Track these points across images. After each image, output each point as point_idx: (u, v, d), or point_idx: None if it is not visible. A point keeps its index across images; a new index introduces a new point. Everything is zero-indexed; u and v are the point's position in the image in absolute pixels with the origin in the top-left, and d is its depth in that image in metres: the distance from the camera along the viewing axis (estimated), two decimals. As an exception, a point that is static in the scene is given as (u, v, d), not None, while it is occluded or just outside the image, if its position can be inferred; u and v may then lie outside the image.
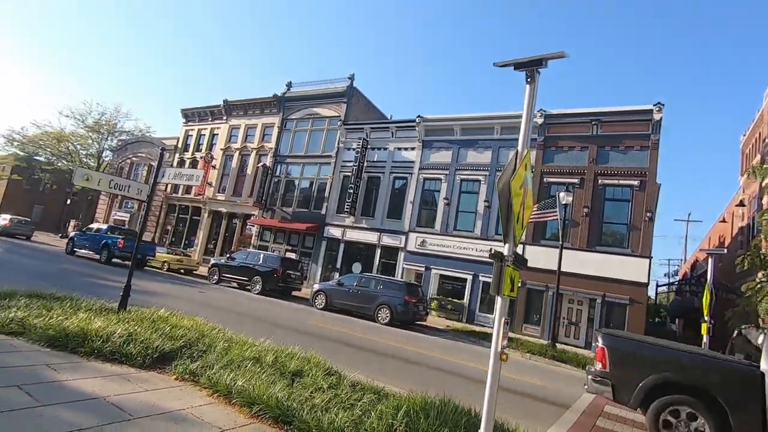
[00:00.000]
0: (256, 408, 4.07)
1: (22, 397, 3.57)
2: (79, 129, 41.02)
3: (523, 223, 4.24)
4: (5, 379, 3.85)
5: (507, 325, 4.03)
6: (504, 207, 3.96)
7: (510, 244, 4.06)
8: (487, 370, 6.78)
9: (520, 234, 4.20)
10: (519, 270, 4.19)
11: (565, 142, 18.95)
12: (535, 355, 12.84)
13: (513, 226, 4.02)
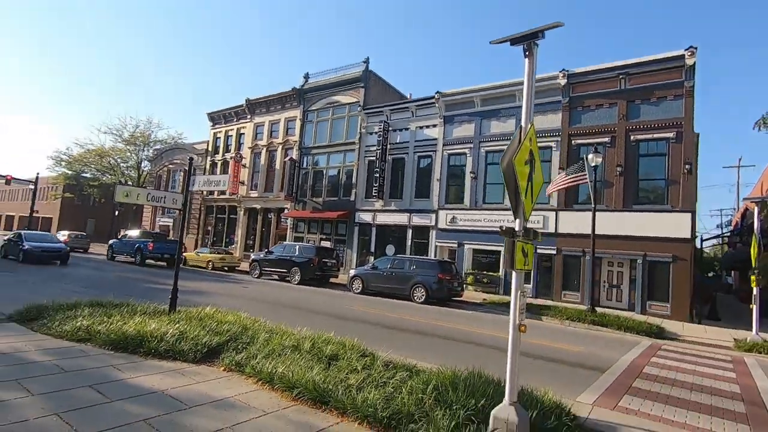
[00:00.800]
0: (296, 391, 4.44)
1: (94, 394, 4.09)
2: (118, 143, 43.33)
3: (532, 197, 4.31)
4: (79, 381, 4.41)
5: (524, 297, 4.15)
6: (511, 184, 4.05)
7: (520, 219, 4.16)
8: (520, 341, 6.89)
9: (530, 208, 4.27)
10: (531, 243, 4.29)
11: (592, 101, 18.18)
12: (574, 321, 12.78)
13: (522, 201, 4.11)
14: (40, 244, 18.72)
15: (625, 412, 5.15)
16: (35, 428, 3.31)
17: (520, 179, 4.00)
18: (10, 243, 19.53)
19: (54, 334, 6.17)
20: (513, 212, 4.19)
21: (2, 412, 3.55)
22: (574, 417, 4.43)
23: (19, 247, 18.52)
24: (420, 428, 3.79)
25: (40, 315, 7.01)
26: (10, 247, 19.54)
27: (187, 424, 3.64)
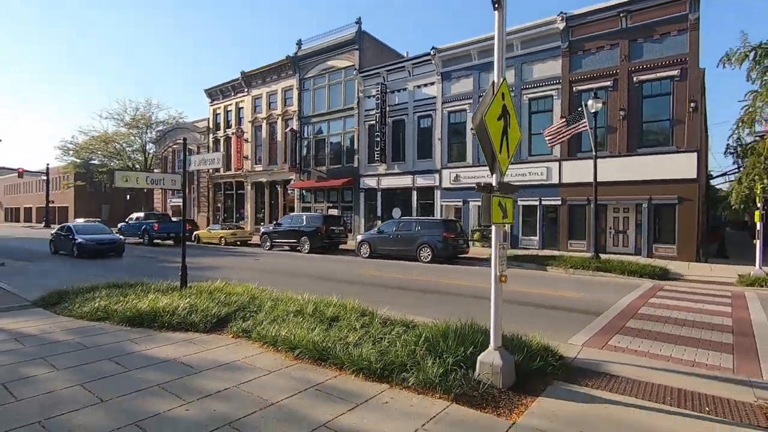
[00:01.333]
0: (297, 351, 4.78)
1: (113, 366, 4.48)
2: (121, 128, 43.49)
3: (509, 151, 4.38)
4: (99, 355, 4.80)
5: (504, 250, 4.31)
6: (484, 141, 4.12)
7: (497, 174, 4.27)
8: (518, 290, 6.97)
9: (507, 162, 4.37)
10: (510, 197, 4.41)
11: (593, 43, 17.51)
12: (578, 269, 12.99)
13: (497, 157, 4.19)
14: (94, 237, 17.24)
15: (613, 350, 5.41)
16: (61, 398, 3.68)
17: (493, 136, 4.06)
18: (59, 238, 18.11)
19: (75, 315, 6.61)
20: (489, 168, 4.28)
21: (32, 386, 3.93)
22: (560, 357, 4.67)
23: (71, 242, 17.01)
24: (411, 376, 4.08)
25: (62, 299, 7.45)
26: (60, 241, 18.07)
27: (197, 386, 3.99)
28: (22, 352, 4.91)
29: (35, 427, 3.15)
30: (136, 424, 3.22)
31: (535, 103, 19.17)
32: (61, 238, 18.00)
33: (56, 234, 18.67)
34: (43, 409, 3.45)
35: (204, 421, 3.29)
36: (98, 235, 17.72)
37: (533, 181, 18.79)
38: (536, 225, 18.94)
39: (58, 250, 18.22)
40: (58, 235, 18.37)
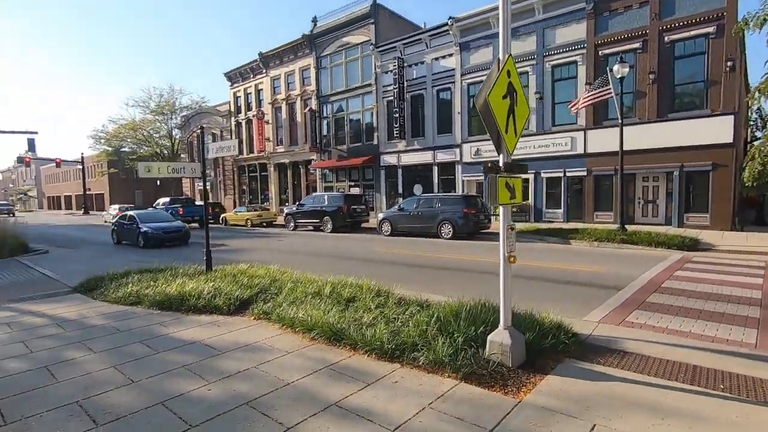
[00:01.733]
0: (314, 333, 4.96)
1: (143, 348, 4.79)
2: (147, 115, 44.55)
3: (516, 130, 4.28)
4: (130, 338, 5.14)
5: (512, 231, 4.28)
6: (488, 121, 4.04)
7: (503, 154, 4.20)
8: (537, 265, 6.79)
9: (515, 141, 4.29)
10: (518, 177, 4.35)
11: (620, 3, 16.49)
12: (603, 242, 12.71)
13: (502, 137, 4.12)
14: (160, 225, 16.28)
15: (630, 327, 5.35)
16: (97, 379, 4.00)
17: (498, 116, 3.98)
18: (122, 227, 17.16)
19: (110, 300, 7.05)
20: (495, 148, 4.22)
21: (71, 368, 4.28)
22: (573, 335, 4.67)
23: (136, 231, 16.10)
24: (421, 355, 4.19)
25: (98, 285, 7.93)
26: (123, 231, 17.12)
27: (220, 366, 4.24)
28: (62, 336, 5.31)
29: (74, 407, 3.45)
30: (163, 403, 3.47)
31: (558, 70, 18.39)
32: (124, 228, 17.06)
33: (118, 223, 17.71)
34: (81, 389, 3.76)
35: (225, 400, 3.51)
36: (163, 222, 16.77)
37: (557, 152, 18.26)
38: (560, 197, 18.50)
39: (120, 240, 17.40)
40: (120, 225, 17.39)
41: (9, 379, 4.03)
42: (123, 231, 17.17)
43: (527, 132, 19.17)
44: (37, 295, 7.76)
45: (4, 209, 45.97)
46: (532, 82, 18.91)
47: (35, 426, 3.17)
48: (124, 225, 17.13)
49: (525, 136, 19.12)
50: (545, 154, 18.58)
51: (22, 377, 4.07)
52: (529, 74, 18.99)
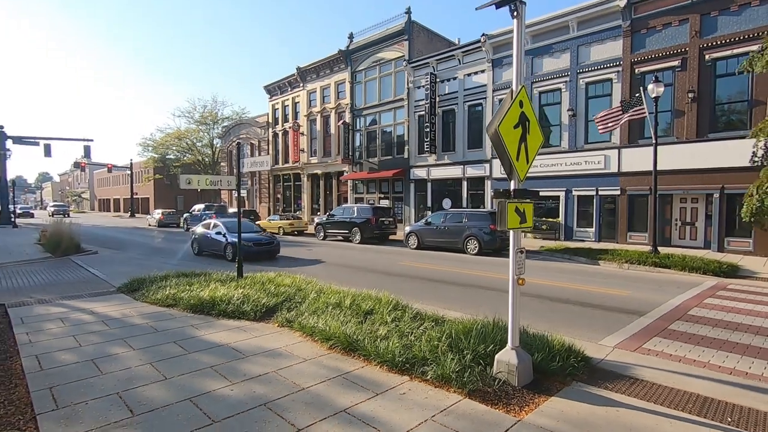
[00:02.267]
0: (331, 342, 5.26)
1: (177, 348, 5.24)
2: (191, 125, 46.98)
3: (528, 157, 4.46)
4: (166, 338, 5.61)
5: (521, 254, 4.43)
6: (499, 150, 4.25)
7: (515, 180, 4.39)
8: (561, 286, 6.78)
9: (526, 169, 4.46)
10: (530, 202, 4.50)
11: (658, 20, 16.19)
12: (633, 264, 12.38)
13: (513, 165, 4.31)
14: (250, 236, 14.45)
15: (646, 354, 5.32)
16: (135, 374, 4.44)
17: (508, 145, 4.17)
18: (205, 237, 15.51)
19: (150, 301, 7.64)
20: (506, 175, 4.40)
21: (113, 362, 4.76)
22: (582, 359, 4.73)
23: (222, 242, 14.48)
24: (430, 370, 4.39)
25: (140, 287, 8.59)
26: (205, 241, 15.45)
27: (243, 369, 4.59)
28: (107, 333, 5.86)
29: (114, 398, 3.88)
30: (190, 399, 3.85)
31: (592, 88, 18.15)
32: (207, 238, 15.34)
33: (200, 233, 15.96)
34: (121, 382, 4.21)
35: (245, 400, 3.85)
36: (252, 233, 15.17)
37: (590, 170, 17.95)
38: (592, 216, 18.11)
39: (201, 251, 15.75)
40: (204, 235, 15.64)
41: (62, 369, 4.55)
42: (206, 241, 15.45)
43: (558, 149, 18.99)
44: (86, 293, 8.50)
45: (60, 210, 49.49)
46: (565, 98, 18.76)
47: (82, 412, 3.61)
48: (207, 235, 15.42)
49: (556, 153, 18.95)
50: (577, 171, 18.29)
51: (72, 368, 4.58)
52: (562, 91, 18.86)
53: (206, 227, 15.84)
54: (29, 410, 3.65)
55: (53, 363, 4.73)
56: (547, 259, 14.51)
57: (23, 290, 9.02)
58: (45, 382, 4.20)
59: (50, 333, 5.84)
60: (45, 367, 4.62)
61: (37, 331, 5.89)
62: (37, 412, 3.61)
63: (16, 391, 4.01)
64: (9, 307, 7.21)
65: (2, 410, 3.64)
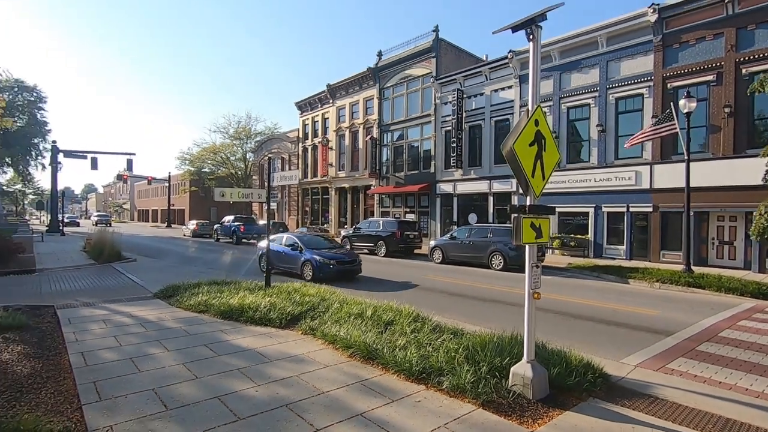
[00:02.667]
0: (351, 350, 5.45)
1: (207, 351, 5.56)
2: (226, 140, 48.93)
3: (544, 174, 4.58)
4: (198, 341, 5.96)
5: (537, 268, 4.52)
6: (514, 167, 4.40)
7: (531, 197, 4.51)
8: (587, 303, 6.72)
9: (542, 185, 4.58)
10: (546, 218, 4.60)
11: (691, 34, 15.89)
12: (665, 283, 11.99)
13: (529, 181, 4.44)
14: (332, 254, 12.83)
15: (669, 373, 5.23)
16: (170, 373, 4.77)
17: (524, 162, 4.31)
18: (278, 254, 13.47)
19: (183, 306, 8.07)
20: (523, 191, 4.53)
21: (150, 361, 5.12)
22: (600, 375, 4.72)
23: (300, 259, 12.77)
24: (445, 380, 4.50)
25: (175, 293, 9.08)
26: (278, 258, 13.42)
27: (268, 372, 4.85)
28: (144, 334, 6.27)
29: (150, 393, 4.20)
30: (218, 397, 4.12)
31: (622, 103, 17.88)
32: (281, 255, 13.49)
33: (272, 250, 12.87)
34: (156, 379, 4.54)
35: (268, 400, 4.08)
36: (332, 250, 13.47)
37: (620, 186, 17.56)
38: (623, 233, 17.65)
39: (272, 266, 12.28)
40: (275, 250, 13.29)
41: (104, 366, 4.94)
42: (279, 257, 13.49)
43: (587, 165, 18.71)
44: (126, 298, 9.06)
45: (103, 220, 52.25)
46: (593, 114, 18.54)
47: (121, 405, 3.94)
48: (281, 252, 13.53)
49: (585, 169, 18.68)
50: (607, 187, 17.94)
51: (113, 365, 4.97)
52: (590, 106, 18.66)
53: (278, 242, 14.02)
54: (76, 401, 4.01)
55: (97, 360, 5.14)
56: (575, 276, 14.24)
57: (70, 293, 9.70)
58: (89, 377, 4.58)
59: (94, 333, 6.31)
60: (89, 363, 5.03)
61: (82, 331, 6.38)
62: (82, 402, 3.97)
63: (64, 384, 4.41)
64: (58, 308, 7.80)
65: (53, 400, 4.02)
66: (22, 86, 37.71)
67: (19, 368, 4.76)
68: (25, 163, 40.77)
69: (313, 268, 12.39)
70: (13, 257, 14.06)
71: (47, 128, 40.09)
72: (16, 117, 33.86)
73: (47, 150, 37.99)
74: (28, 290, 10.17)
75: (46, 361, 5.05)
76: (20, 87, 37.48)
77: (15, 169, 42.88)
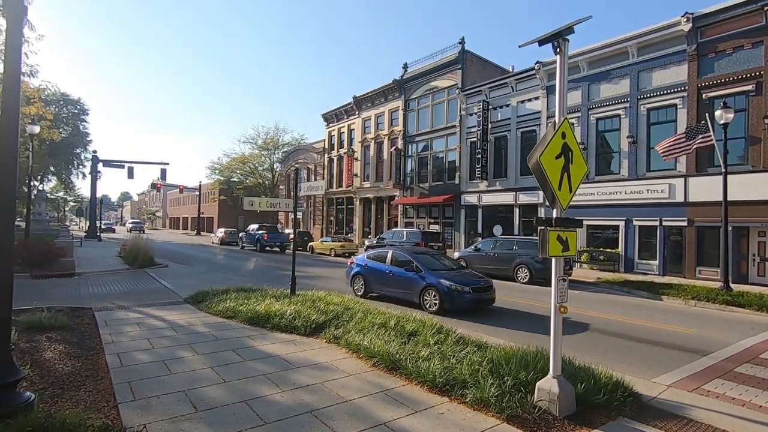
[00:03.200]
0: (375, 360, 5.49)
1: (234, 356, 5.71)
2: (255, 150, 50.28)
3: (571, 186, 4.54)
4: (226, 346, 6.13)
5: (564, 282, 4.46)
6: (540, 180, 4.38)
7: (557, 209, 4.47)
8: (617, 320, 6.56)
9: (569, 198, 4.54)
10: (573, 231, 4.55)
11: (728, 43, 15.39)
12: (701, 301, 11.49)
13: (555, 194, 4.41)
14: (462, 278, 9.79)
15: (704, 395, 5.02)
16: (199, 375, 4.93)
17: (550, 174, 4.29)
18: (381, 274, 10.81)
19: (212, 312, 8.31)
20: (549, 203, 4.50)
21: (181, 364, 5.31)
22: (630, 394, 4.58)
23: (420, 284, 9.85)
24: (469, 393, 4.47)
25: (204, 298, 9.34)
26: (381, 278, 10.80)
27: (293, 378, 4.94)
28: (175, 338, 6.50)
29: (181, 395, 4.35)
30: (245, 401, 4.23)
31: (654, 114, 17.43)
32: (386, 275, 10.68)
33: (369, 266, 11.15)
34: (187, 381, 4.70)
35: (292, 406, 4.16)
36: (453, 272, 10.30)
37: (652, 199, 17.04)
38: (656, 248, 17.05)
39: (372, 290, 11.04)
40: (377, 270, 10.91)
41: (139, 367, 5.15)
42: (383, 279, 10.81)
43: (617, 177, 18.26)
44: (158, 302, 9.40)
45: (137, 227, 54.37)
46: (624, 125, 18.13)
47: (154, 404, 4.10)
48: (386, 272, 10.73)
49: (615, 181, 18.23)
50: (638, 200, 17.43)
51: (146, 366, 5.17)
52: (621, 117, 18.26)
53: (378, 259, 11.19)
54: (112, 399, 4.20)
55: (131, 361, 5.36)
56: (604, 291, 13.83)
57: (106, 296, 10.14)
58: (125, 377, 4.79)
59: (129, 335, 6.58)
60: (125, 363, 5.25)
61: (118, 333, 6.66)
62: (118, 401, 4.15)
63: (102, 383, 4.62)
64: (95, 310, 8.17)
65: (91, 398, 4.23)
66: (68, 99, 40.01)
67: (60, 366, 5.03)
68: (68, 172, 43.07)
69: (441, 297, 9.41)
70: (55, 261, 14.81)
71: (88, 139, 42.34)
72: (61, 129, 35.84)
73: (88, 159, 40.04)
74: (69, 292, 10.69)
75: (85, 361, 5.30)
76: (66, 100, 39.77)
77: (58, 178, 45.36)
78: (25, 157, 19.55)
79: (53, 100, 37.19)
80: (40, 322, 6.52)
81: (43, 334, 6.21)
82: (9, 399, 3.43)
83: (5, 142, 3.67)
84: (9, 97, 3.73)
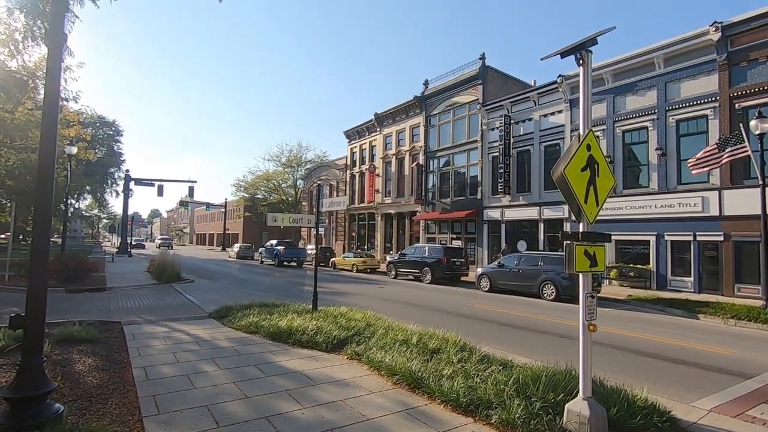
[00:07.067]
0: (397, 377, 5.38)
1: (256, 371, 5.72)
2: (278, 168, 51.31)
3: (597, 199, 4.41)
4: (248, 361, 6.14)
5: (592, 298, 4.30)
6: (566, 192, 4.27)
7: (584, 223, 4.35)
8: (651, 339, 6.28)
9: (596, 211, 4.41)
10: (602, 246, 4.40)
11: (761, 52, 14.89)
12: (741, 320, 10.89)
13: (581, 207, 4.29)
14: None
15: (749, 421, 4.69)
16: (221, 390, 4.94)
17: (576, 187, 4.19)
18: None
19: (235, 327, 8.38)
20: (575, 217, 4.38)
21: (204, 378, 5.34)
22: (668, 419, 4.33)
23: None
24: (494, 414, 4.32)
25: (228, 313, 9.46)
26: None
27: (314, 395, 4.89)
28: (199, 352, 6.57)
29: (204, 410, 4.36)
30: (266, 418, 4.20)
31: (684, 125, 16.93)
32: None
33: None
34: (209, 396, 4.72)
35: (313, 423, 4.11)
36: None
37: (684, 213, 16.41)
38: (690, 264, 16.33)
39: None
40: None
41: (164, 380, 5.21)
42: None
43: (646, 190, 17.71)
44: (184, 317, 9.56)
45: (165, 243, 56.02)
46: (652, 137, 17.66)
47: (177, 419, 4.12)
48: None
49: (644, 195, 17.68)
50: (669, 214, 16.82)
51: (171, 380, 5.23)
52: (648, 129, 17.81)
53: None
54: (137, 412, 4.25)
55: (157, 374, 5.43)
56: (635, 309, 13.29)
57: (134, 311, 10.39)
58: (150, 391, 4.85)
59: (155, 349, 6.69)
60: (150, 377, 5.33)
61: (144, 347, 6.79)
62: (143, 414, 4.19)
63: (128, 396, 4.69)
64: (124, 324, 8.37)
65: (117, 410, 4.29)
66: (103, 121, 42.09)
67: (89, 379, 5.14)
68: (102, 191, 45.03)
69: None
70: (88, 276, 15.34)
71: (122, 159, 44.27)
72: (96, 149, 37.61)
73: (121, 178, 41.81)
74: (99, 306, 11.02)
75: (113, 374, 5.41)
76: (101, 122, 41.83)
77: (93, 196, 47.44)
78: (63, 176, 20.52)
79: (90, 122, 39.13)
80: (72, 335, 6.72)
81: (74, 347, 6.39)
82: (39, 410, 3.51)
83: (43, 161, 3.85)
84: (48, 119, 3.93)
